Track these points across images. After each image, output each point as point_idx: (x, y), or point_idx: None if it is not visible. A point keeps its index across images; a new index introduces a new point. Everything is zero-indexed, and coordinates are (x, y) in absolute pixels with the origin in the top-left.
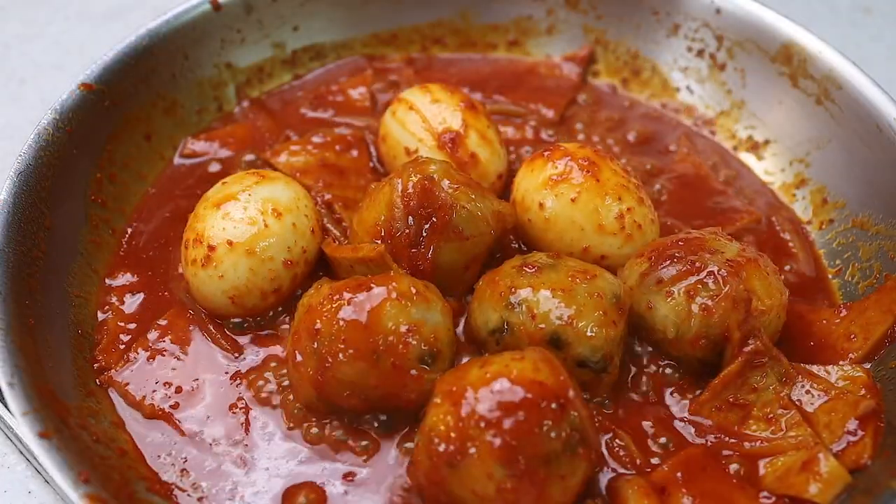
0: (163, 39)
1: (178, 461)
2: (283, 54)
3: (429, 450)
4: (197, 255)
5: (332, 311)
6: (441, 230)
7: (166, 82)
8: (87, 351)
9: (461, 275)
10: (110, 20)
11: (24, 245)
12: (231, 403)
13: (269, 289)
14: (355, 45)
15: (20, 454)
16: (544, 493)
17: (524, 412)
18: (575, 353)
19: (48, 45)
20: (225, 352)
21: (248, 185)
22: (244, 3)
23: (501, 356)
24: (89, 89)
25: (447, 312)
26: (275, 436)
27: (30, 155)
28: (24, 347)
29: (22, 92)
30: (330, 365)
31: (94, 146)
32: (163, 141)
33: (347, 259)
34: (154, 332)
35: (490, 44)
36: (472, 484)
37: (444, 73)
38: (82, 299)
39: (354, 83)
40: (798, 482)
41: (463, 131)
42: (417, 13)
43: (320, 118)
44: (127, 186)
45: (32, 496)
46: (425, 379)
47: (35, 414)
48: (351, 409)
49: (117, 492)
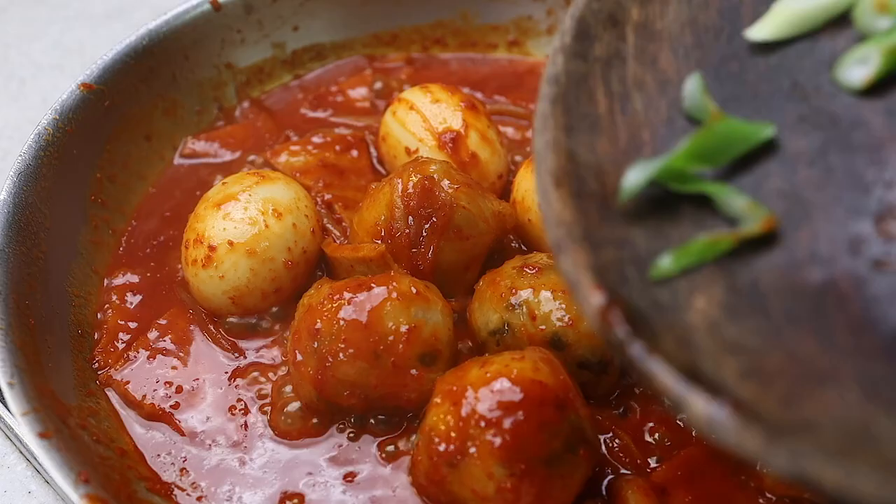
0: (163, 39)
1: (178, 461)
2: (283, 54)
3: (429, 449)
4: (197, 255)
5: (333, 310)
6: (441, 230)
7: (166, 82)
8: (87, 351)
9: (461, 275)
10: (110, 20)
11: (24, 245)
12: (231, 404)
13: (270, 289)
14: (355, 45)
15: (20, 454)
16: (544, 493)
17: (524, 412)
18: (575, 355)
19: (48, 45)
20: (225, 352)
21: (249, 186)
22: (244, 3)
23: (501, 356)
24: (89, 89)
25: (447, 312)
26: (274, 436)
27: (30, 155)
28: (24, 347)
29: (22, 92)
30: (330, 364)
31: (94, 146)
32: (163, 141)
33: (347, 259)
34: (154, 332)
35: (490, 44)
36: (472, 483)
37: (445, 73)
38: (82, 299)
39: (354, 83)
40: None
41: (463, 131)
42: (418, 13)
43: (320, 118)
44: (127, 186)
45: (32, 496)
46: (425, 379)
47: (35, 414)
48: (351, 409)
49: (117, 492)
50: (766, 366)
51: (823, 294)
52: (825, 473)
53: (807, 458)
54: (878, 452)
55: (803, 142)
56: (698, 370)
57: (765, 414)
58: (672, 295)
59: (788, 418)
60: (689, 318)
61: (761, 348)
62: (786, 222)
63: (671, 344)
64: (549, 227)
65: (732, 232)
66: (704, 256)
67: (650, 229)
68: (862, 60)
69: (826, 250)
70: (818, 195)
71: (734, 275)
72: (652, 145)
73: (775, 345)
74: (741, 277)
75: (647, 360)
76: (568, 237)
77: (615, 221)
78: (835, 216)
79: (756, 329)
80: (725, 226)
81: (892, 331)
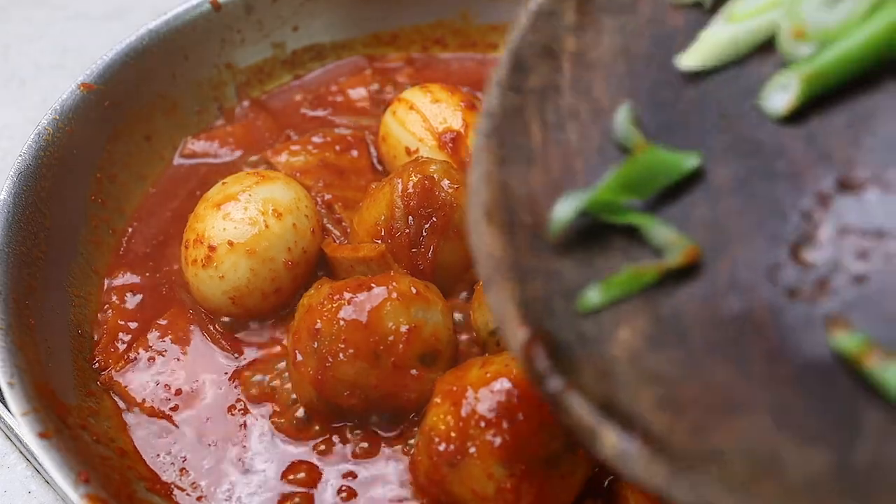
0: (163, 39)
1: (178, 461)
2: (283, 54)
3: (429, 449)
4: (197, 255)
5: (333, 310)
6: (441, 230)
7: (166, 82)
8: (87, 351)
9: (461, 275)
10: (110, 20)
11: (24, 245)
12: (230, 404)
13: (270, 289)
14: (355, 45)
15: (20, 454)
16: (544, 494)
17: (524, 412)
18: None
19: (48, 45)
20: (225, 352)
21: (248, 186)
22: (244, 3)
23: (501, 356)
24: (89, 89)
25: (447, 312)
26: (274, 436)
27: (30, 155)
28: (24, 347)
29: (22, 92)
30: (330, 365)
31: (94, 146)
32: (163, 141)
33: (347, 259)
34: (154, 332)
35: (490, 44)
36: (472, 483)
37: (445, 73)
38: (82, 299)
39: (354, 83)
40: None
41: (463, 131)
42: (418, 13)
43: (320, 118)
44: (127, 186)
45: (32, 496)
46: (425, 379)
47: (35, 414)
48: (351, 409)
49: (117, 492)
50: (682, 395)
51: (742, 323)
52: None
53: (707, 489)
54: (781, 481)
55: (728, 170)
56: (614, 402)
57: (674, 444)
58: (597, 327)
59: (697, 448)
60: (612, 349)
61: (678, 378)
62: (708, 252)
63: (591, 377)
64: (479, 259)
65: (657, 263)
66: (630, 288)
67: (580, 260)
68: (783, 87)
69: (745, 279)
70: (739, 223)
71: (658, 305)
72: (584, 175)
73: (692, 374)
74: (665, 308)
75: (564, 394)
76: (496, 270)
77: (545, 253)
78: (755, 244)
79: (675, 359)
80: (653, 257)
81: (804, 360)
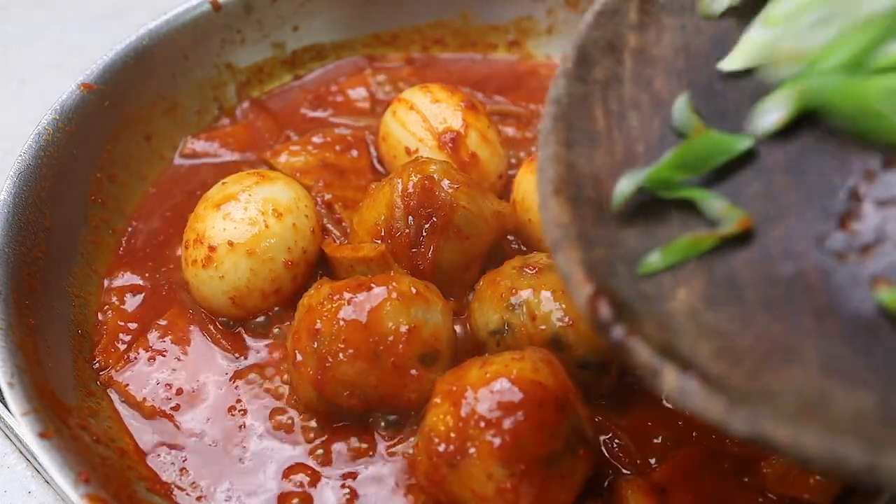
0: (163, 39)
1: (178, 461)
2: (283, 54)
3: (429, 450)
4: (197, 255)
5: (333, 311)
6: (441, 230)
7: (166, 82)
8: (87, 351)
9: (461, 275)
10: (110, 20)
11: (24, 245)
12: (231, 404)
13: (270, 289)
14: (355, 45)
15: (20, 454)
16: (544, 494)
17: (524, 412)
18: (576, 355)
19: (48, 45)
20: (225, 352)
21: (248, 186)
22: (244, 3)
23: (501, 356)
24: (89, 89)
25: (447, 312)
26: (274, 436)
27: (30, 155)
28: (24, 347)
29: (22, 92)
30: (330, 365)
31: (94, 146)
32: (163, 141)
33: (347, 259)
34: (154, 333)
35: (490, 44)
36: (472, 484)
37: (445, 73)
38: (82, 299)
39: (354, 83)
40: (798, 482)
41: (463, 131)
42: (418, 13)
43: (320, 118)
44: (127, 186)
45: (32, 496)
46: (425, 379)
47: (35, 414)
48: (351, 409)
49: (117, 492)
50: (738, 346)
51: (793, 284)
52: (778, 433)
53: (762, 420)
54: (828, 417)
55: (779, 152)
56: (674, 348)
57: (731, 386)
58: (657, 287)
59: (751, 388)
60: (671, 306)
61: (734, 332)
62: (761, 223)
63: (651, 327)
64: (548, 228)
65: (713, 231)
66: (688, 253)
67: (640, 230)
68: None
69: (796, 245)
70: (790, 198)
71: (714, 269)
72: (645, 157)
73: (747, 329)
74: (720, 272)
75: (627, 339)
76: (564, 237)
77: (608, 224)
78: (805, 216)
79: (731, 316)
80: (708, 227)
81: (851, 315)
